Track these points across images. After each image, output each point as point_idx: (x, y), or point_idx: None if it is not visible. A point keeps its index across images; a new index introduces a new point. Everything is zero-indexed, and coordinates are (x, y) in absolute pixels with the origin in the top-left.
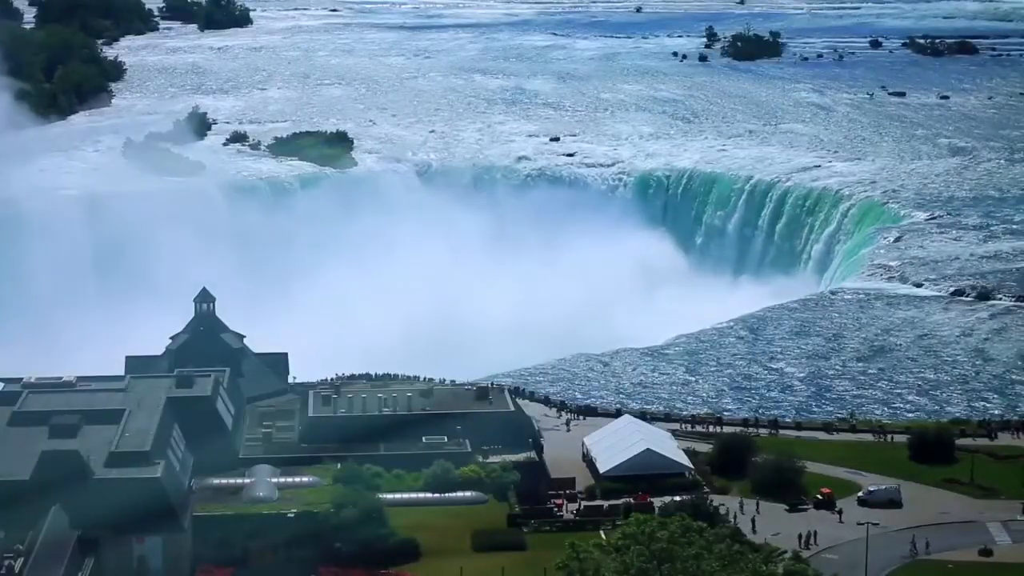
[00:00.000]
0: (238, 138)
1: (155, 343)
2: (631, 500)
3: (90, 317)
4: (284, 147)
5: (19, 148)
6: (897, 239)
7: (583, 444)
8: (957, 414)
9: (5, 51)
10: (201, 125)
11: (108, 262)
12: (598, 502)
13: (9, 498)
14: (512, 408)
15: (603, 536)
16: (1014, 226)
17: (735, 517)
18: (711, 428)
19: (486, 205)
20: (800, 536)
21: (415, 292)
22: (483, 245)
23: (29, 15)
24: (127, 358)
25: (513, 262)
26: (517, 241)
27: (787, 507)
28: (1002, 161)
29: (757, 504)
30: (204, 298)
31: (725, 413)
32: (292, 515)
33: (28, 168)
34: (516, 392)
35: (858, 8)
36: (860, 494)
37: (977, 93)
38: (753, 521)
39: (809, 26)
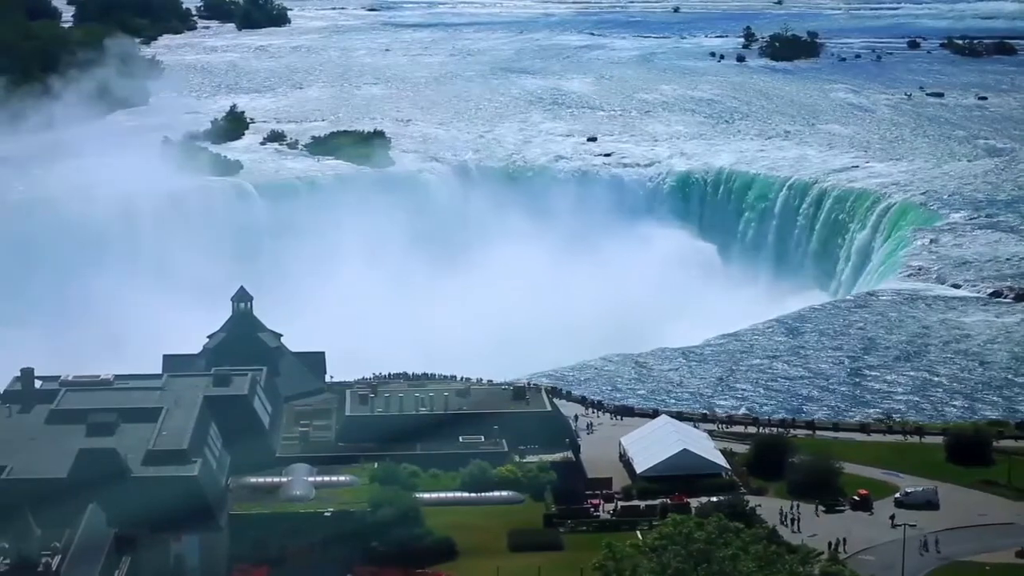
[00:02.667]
0: (275, 137)
1: (192, 342)
2: (668, 500)
3: (128, 316)
4: (321, 146)
5: (57, 147)
6: (934, 240)
7: (620, 444)
8: (994, 415)
9: (43, 50)
10: (239, 124)
11: (146, 261)
12: (635, 502)
13: (46, 496)
14: (549, 408)
15: (640, 536)
16: None
17: (790, 521)
18: (748, 429)
19: (523, 205)
20: (830, 544)
21: (452, 291)
22: (519, 245)
23: (68, 14)
24: (164, 357)
25: (549, 262)
26: (554, 241)
27: (824, 508)
28: None
29: (798, 506)
30: (241, 297)
31: (762, 414)
32: (329, 514)
33: (66, 167)
34: (553, 392)
35: (896, 8)
36: (897, 495)
37: (1015, 94)
38: (794, 522)
39: (847, 26)
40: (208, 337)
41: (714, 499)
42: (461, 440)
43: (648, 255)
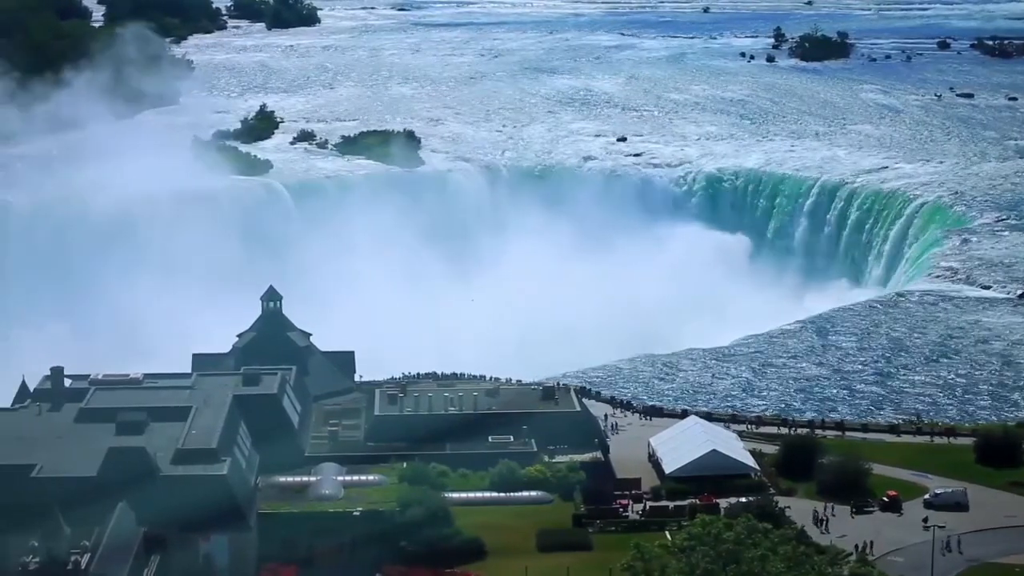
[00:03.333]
0: (305, 137)
1: (222, 341)
2: (696, 501)
3: (157, 315)
4: (351, 146)
5: (86, 146)
6: (964, 241)
7: (649, 444)
8: None
9: (74, 49)
10: (268, 123)
11: (175, 260)
12: (664, 503)
13: (76, 495)
14: (578, 408)
15: (668, 537)
16: None
17: (821, 523)
18: (777, 429)
19: (552, 205)
20: (856, 547)
21: (481, 291)
22: (549, 245)
23: (98, 13)
24: (194, 356)
25: (578, 262)
26: (583, 241)
27: (853, 509)
28: None
29: (833, 508)
30: (271, 296)
31: (791, 414)
32: (358, 514)
33: (96, 166)
34: (582, 392)
35: (926, 9)
36: (926, 497)
37: None
38: (824, 522)
39: (877, 27)
40: (238, 336)
41: (743, 500)
42: (490, 440)
43: (677, 255)
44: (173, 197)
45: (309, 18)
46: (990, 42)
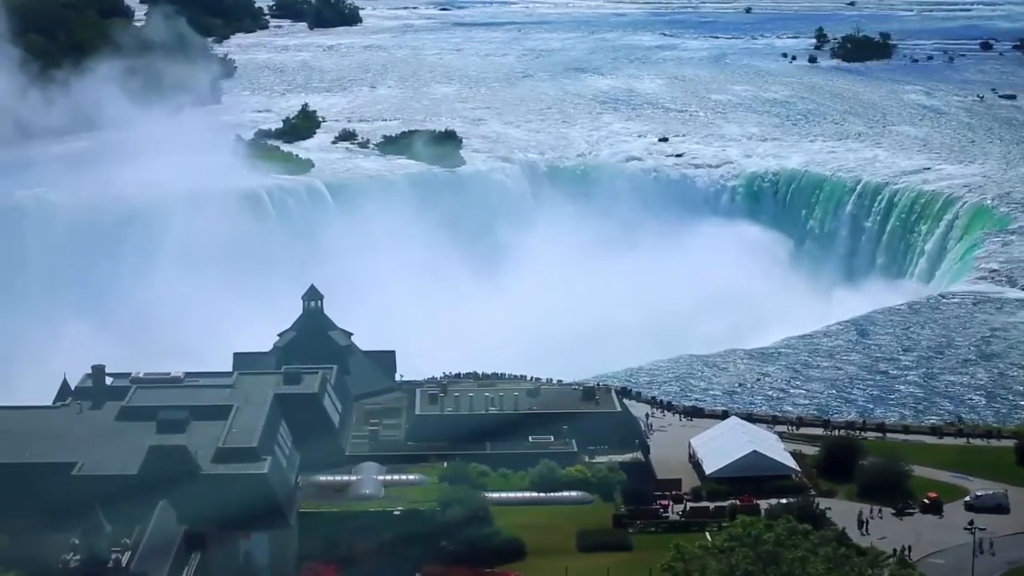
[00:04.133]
0: (347, 136)
1: (263, 340)
2: (737, 502)
3: (198, 313)
4: (393, 145)
5: (129, 145)
6: (1006, 242)
7: (689, 445)
8: None
9: (116, 49)
10: (310, 123)
11: (217, 258)
12: (704, 503)
13: (117, 493)
14: (619, 408)
15: (708, 537)
16: None
17: (863, 525)
18: (818, 430)
19: (594, 205)
20: (894, 550)
21: (523, 291)
22: (591, 245)
23: (140, 12)
24: (235, 354)
25: (620, 262)
26: (624, 242)
27: (893, 511)
28: None
29: (880, 510)
30: (312, 295)
31: (832, 415)
32: (398, 513)
33: (137, 164)
34: (623, 392)
35: (969, 10)
36: (967, 499)
37: None
38: (866, 524)
39: (919, 27)
40: (279, 335)
41: (783, 501)
42: (531, 440)
43: (719, 256)
44: (215, 196)
45: (351, 18)
46: None
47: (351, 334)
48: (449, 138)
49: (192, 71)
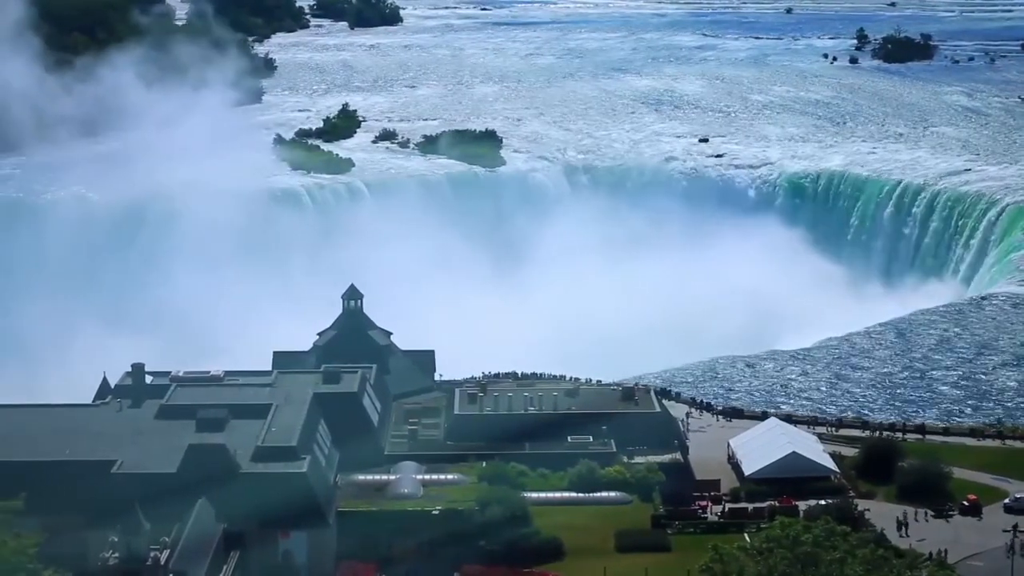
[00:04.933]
0: (387, 136)
1: (303, 339)
2: (776, 503)
3: (238, 312)
4: (432, 145)
5: (169, 144)
6: None
7: (728, 446)
8: None
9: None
10: (350, 122)
11: (257, 257)
12: (743, 504)
13: (156, 491)
14: (658, 409)
15: (747, 539)
16: None
17: (903, 527)
18: (858, 432)
19: (635, 205)
20: (930, 554)
21: (563, 291)
22: (631, 244)
23: (181, 12)
24: (275, 353)
25: (660, 262)
26: (665, 241)
27: (933, 513)
28: None
29: (927, 513)
30: (352, 295)
31: (872, 417)
32: (436, 512)
33: (178, 164)
34: (662, 393)
35: (1010, 12)
36: (1007, 501)
37: None
38: (905, 526)
39: (960, 28)
40: (318, 334)
41: (822, 502)
42: (569, 440)
43: (759, 257)
44: (255, 195)
45: (391, 17)
46: None
47: (391, 333)
48: (489, 138)
49: (232, 70)
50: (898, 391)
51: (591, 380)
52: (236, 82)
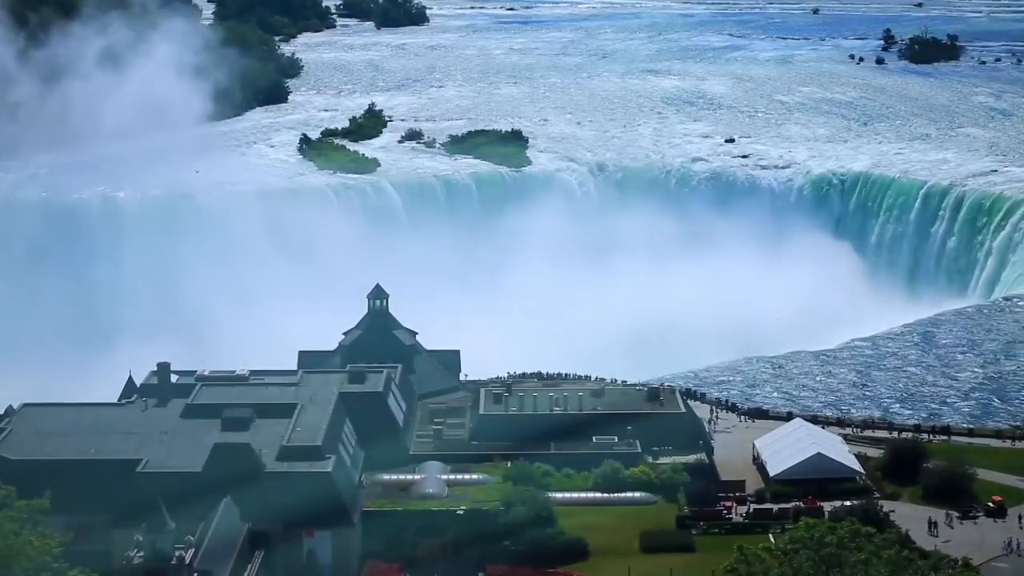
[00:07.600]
0: (413, 136)
1: (328, 338)
2: (800, 504)
3: (264, 311)
4: (459, 145)
5: (197, 144)
6: None
7: (754, 447)
8: None
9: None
10: (376, 122)
11: (283, 257)
12: (767, 505)
13: (181, 490)
14: (683, 409)
15: (772, 540)
16: None
17: (932, 527)
18: (883, 433)
19: (660, 205)
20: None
21: (588, 293)
22: (657, 246)
23: (207, 11)
24: (300, 353)
25: (685, 263)
26: (690, 242)
27: (958, 514)
28: None
29: (961, 515)
30: (377, 294)
31: (897, 418)
32: (461, 512)
33: (205, 163)
34: (687, 393)
35: None
36: None
37: None
38: (935, 526)
39: (988, 29)
40: (344, 334)
41: (847, 503)
42: (594, 440)
43: (784, 257)
44: (281, 195)
45: (418, 17)
46: None
47: (416, 333)
48: (515, 138)
49: (258, 70)
50: (923, 392)
51: (616, 380)
52: (262, 81)
